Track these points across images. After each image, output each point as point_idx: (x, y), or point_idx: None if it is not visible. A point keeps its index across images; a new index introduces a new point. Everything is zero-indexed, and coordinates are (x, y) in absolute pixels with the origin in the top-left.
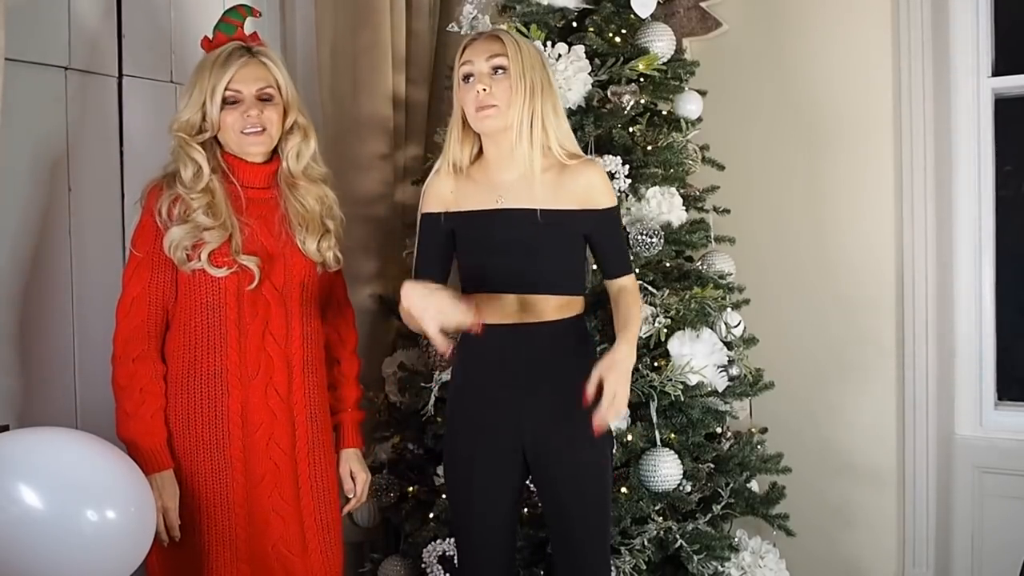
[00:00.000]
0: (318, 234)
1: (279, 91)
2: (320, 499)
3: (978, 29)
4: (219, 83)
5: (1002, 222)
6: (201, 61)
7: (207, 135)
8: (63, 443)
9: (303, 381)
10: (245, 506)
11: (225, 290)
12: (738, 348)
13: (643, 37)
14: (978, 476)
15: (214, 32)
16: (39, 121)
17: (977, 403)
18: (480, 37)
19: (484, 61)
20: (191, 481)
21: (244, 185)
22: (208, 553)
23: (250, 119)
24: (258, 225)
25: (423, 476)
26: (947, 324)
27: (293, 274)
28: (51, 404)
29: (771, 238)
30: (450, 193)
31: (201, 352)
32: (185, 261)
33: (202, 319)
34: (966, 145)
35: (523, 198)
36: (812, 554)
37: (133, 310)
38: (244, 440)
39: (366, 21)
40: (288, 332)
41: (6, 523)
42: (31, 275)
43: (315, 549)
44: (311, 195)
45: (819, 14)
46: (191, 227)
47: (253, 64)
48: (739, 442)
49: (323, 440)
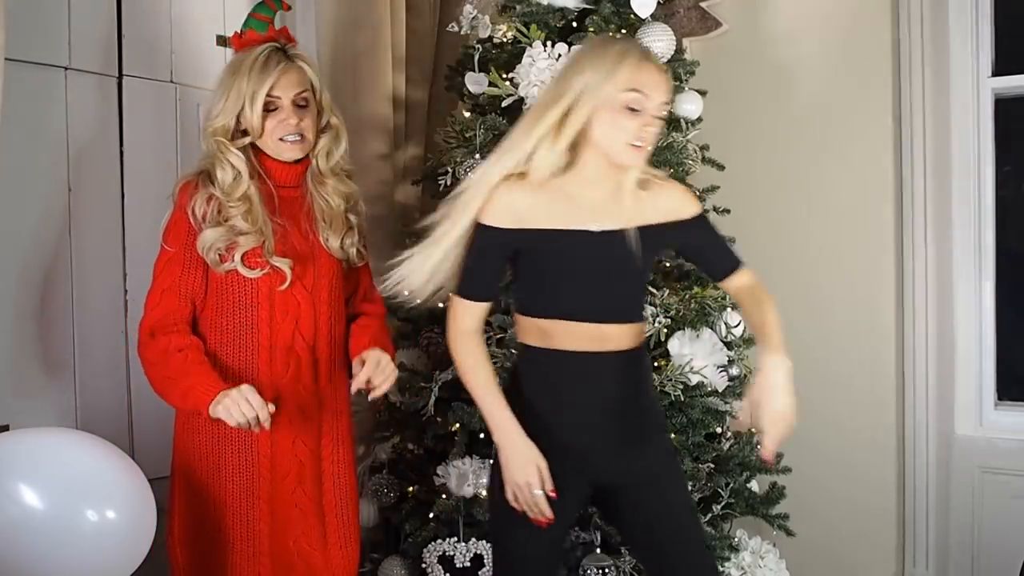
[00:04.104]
0: (342, 231)
1: (314, 94)
2: (341, 496)
3: (978, 29)
4: (260, 90)
5: (1002, 222)
6: (235, 63)
7: (246, 140)
8: (63, 443)
9: (329, 379)
10: (269, 502)
11: (258, 290)
12: (738, 348)
13: (643, 37)
14: (978, 476)
15: (244, 29)
16: (39, 121)
17: (977, 403)
18: (650, 61)
19: (659, 96)
20: (218, 476)
21: (277, 185)
22: (231, 547)
23: (289, 127)
24: (289, 225)
25: (423, 476)
26: (947, 324)
27: (322, 274)
28: (51, 404)
29: (771, 238)
30: (527, 208)
31: (232, 350)
32: (218, 263)
33: (234, 318)
34: (966, 145)
35: (614, 217)
36: (812, 554)
37: (164, 299)
38: (272, 437)
39: (366, 21)
40: (316, 332)
41: (6, 523)
42: (31, 275)
43: (335, 544)
44: (338, 192)
45: (819, 14)
46: (226, 230)
47: (291, 69)
48: (739, 442)
49: (346, 437)
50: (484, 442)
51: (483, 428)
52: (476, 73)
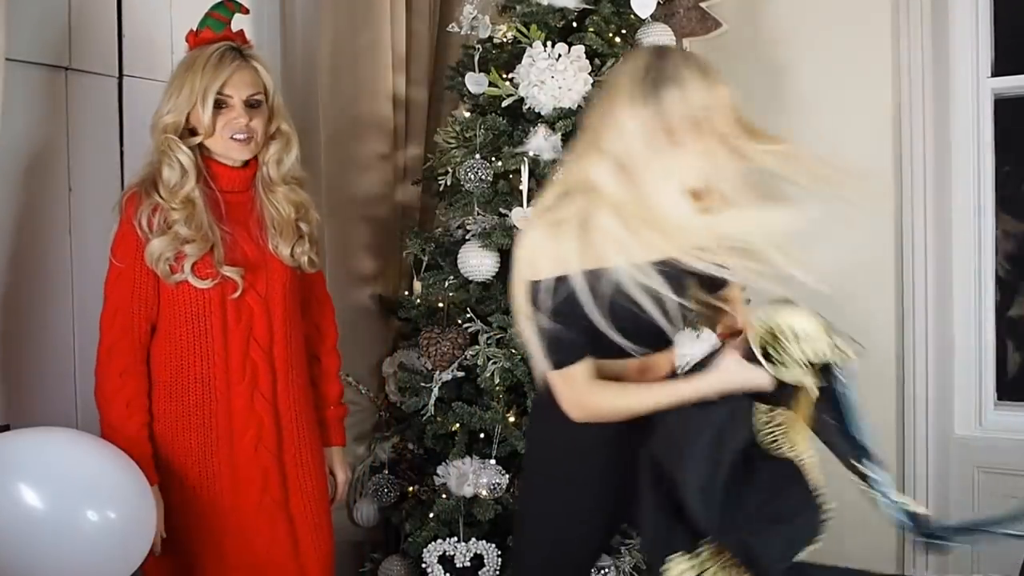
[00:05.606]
0: (292, 239)
1: (266, 97)
2: (309, 500)
3: (978, 30)
4: (211, 86)
5: (1002, 222)
6: (188, 59)
7: (197, 139)
8: (63, 443)
9: (288, 383)
10: (234, 513)
11: (209, 300)
12: None
13: (643, 37)
14: (977, 476)
15: (200, 27)
16: (39, 121)
17: (976, 403)
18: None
19: None
20: (179, 491)
21: (223, 190)
22: (199, 562)
23: (238, 125)
24: (239, 232)
25: (423, 476)
26: (947, 324)
27: (275, 280)
28: (51, 404)
29: None
30: None
31: (187, 360)
32: (169, 274)
33: (187, 328)
34: (966, 145)
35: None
36: (812, 554)
37: (116, 321)
38: (232, 447)
39: (366, 21)
40: (272, 337)
41: (6, 523)
42: (31, 275)
43: (307, 550)
44: (288, 200)
45: (819, 14)
46: (171, 238)
47: (245, 68)
48: None
49: (310, 440)
50: (484, 442)
51: (483, 428)
52: (476, 73)
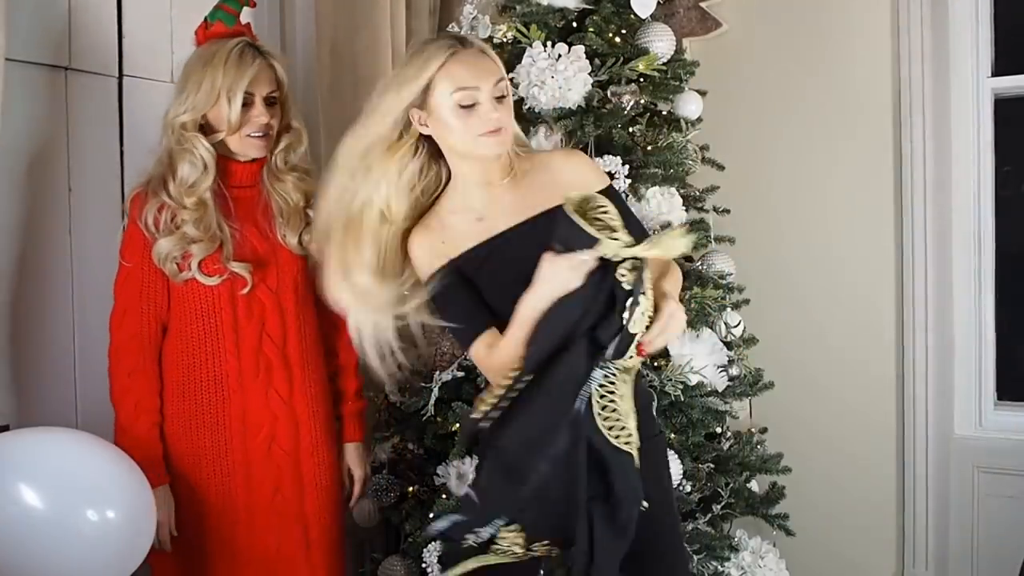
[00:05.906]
0: (299, 227)
1: (281, 93)
2: (323, 499)
3: (978, 30)
4: (237, 85)
5: (1002, 222)
6: (204, 55)
7: (219, 135)
8: (63, 443)
9: (304, 379)
10: (248, 511)
11: (219, 296)
12: (738, 348)
13: (643, 37)
14: (977, 476)
15: (211, 20)
16: (39, 121)
17: (976, 403)
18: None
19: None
20: (192, 489)
21: (232, 186)
22: (210, 560)
23: (259, 124)
24: (247, 228)
25: (423, 476)
26: (946, 324)
27: (285, 273)
28: (51, 404)
29: (771, 238)
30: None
31: (199, 358)
32: (177, 272)
33: (198, 326)
34: (966, 145)
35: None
36: (812, 554)
37: (125, 321)
38: (245, 445)
39: (366, 21)
40: (285, 332)
41: (6, 523)
42: (31, 275)
43: (318, 550)
44: (297, 189)
45: (819, 14)
46: (178, 238)
47: (265, 66)
48: (739, 442)
49: (326, 438)
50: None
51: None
52: None
